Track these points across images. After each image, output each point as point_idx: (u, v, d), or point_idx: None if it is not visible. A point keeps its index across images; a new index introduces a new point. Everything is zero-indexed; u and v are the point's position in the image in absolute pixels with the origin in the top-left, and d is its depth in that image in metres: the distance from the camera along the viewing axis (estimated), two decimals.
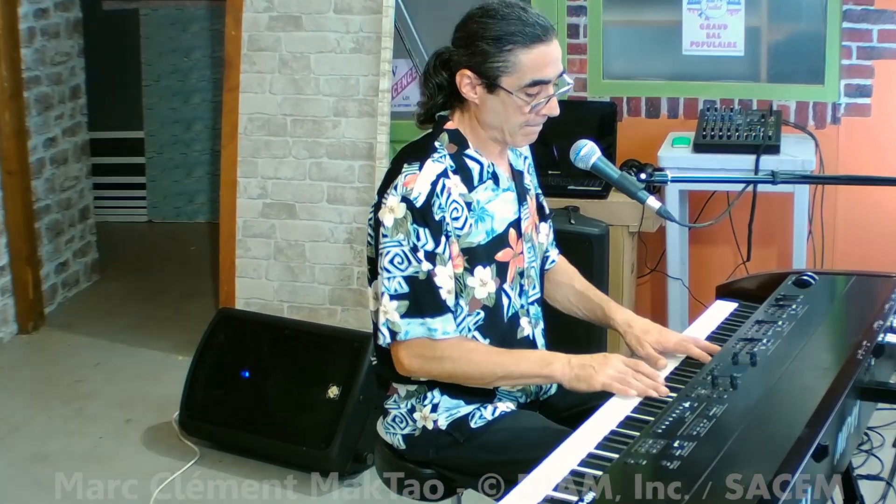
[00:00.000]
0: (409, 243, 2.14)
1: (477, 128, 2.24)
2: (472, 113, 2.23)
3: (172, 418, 3.93)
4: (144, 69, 6.56)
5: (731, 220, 4.30)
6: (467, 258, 2.21)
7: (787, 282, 2.54)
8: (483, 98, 2.18)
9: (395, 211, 2.14)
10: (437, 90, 2.25)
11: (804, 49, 4.33)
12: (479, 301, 2.24)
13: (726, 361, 2.08)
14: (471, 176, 2.23)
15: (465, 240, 2.21)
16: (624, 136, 4.37)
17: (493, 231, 2.25)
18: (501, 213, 2.27)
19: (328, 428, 3.51)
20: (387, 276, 2.16)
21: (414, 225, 2.13)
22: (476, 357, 2.17)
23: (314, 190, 4.34)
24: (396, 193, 2.15)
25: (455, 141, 2.24)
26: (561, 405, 2.39)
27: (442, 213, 2.15)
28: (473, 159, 2.24)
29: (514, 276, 2.30)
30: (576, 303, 2.50)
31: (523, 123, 2.20)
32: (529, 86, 2.15)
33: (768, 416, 1.85)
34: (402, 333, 2.16)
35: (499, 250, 2.26)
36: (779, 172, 2.41)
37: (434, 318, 2.15)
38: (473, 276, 2.22)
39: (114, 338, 4.86)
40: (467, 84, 2.18)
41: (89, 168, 5.58)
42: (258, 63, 4.38)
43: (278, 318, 4.09)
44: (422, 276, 2.14)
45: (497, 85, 2.15)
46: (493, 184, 2.26)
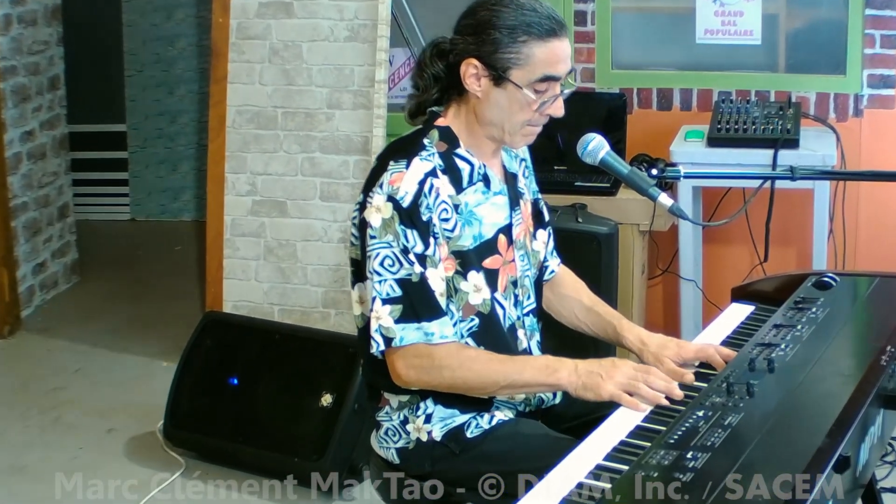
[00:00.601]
0: (399, 245, 2.13)
1: (473, 124, 2.23)
2: (469, 108, 2.22)
3: (156, 428, 3.93)
4: (127, 58, 6.56)
5: (747, 218, 4.30)
6: (459, 262, 2.20)
7: (806, 283, 2.54)
8: (487, 91, 2.17)
9: (381, 211, 2.14)
10: (432, 82, 2.24)
11: (825, 37, 4.33)
12: (473, 307, 2.23)
13: (742, 368, 2.08)
14: (460, 177, 2.22)
15: (455, 243, 2.20)
16: (634, 129, 4.37)
17: (482, 236, 2.24)
18: (491, 217, 2.26)
19: (321, 438, 3.50)
20: (378, 279, 2.15)
21: (402, 226, 2.13)
22: (476, 365, 2.16)
23: (306, 186, 4.34)
24: (382, 192, 2.14)
25: (445, 139, 2.23)
26: (566, 414, 2.38)
27: (430, 213, 2.15)
28: (464, 159, 2.24)
29: (507, 285, 2.29)
30: (584, 319, 2.49)
31: (526, 122, 2.20)
32: (540, 81, 2.15)
33: (787, 426, 1.85)
34: (398, 339, 2.14)
35: (486, 257, 2.24)
36: (798, 168, 2.41)
37: (430, 322, 2.14)
38: (467, 281, 2.21)
39: (94, 343, 4.85)
40: (472, 75, 2.17)
41: (68, 163, 5.58)
42: (247, 52, 4.37)
43: (268, 322, 4.09)
44: (415, 278, 2.14)
45: (506, 78, 2.14)
46: (484, 186, 2.25)
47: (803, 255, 4.37)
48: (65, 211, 5.53)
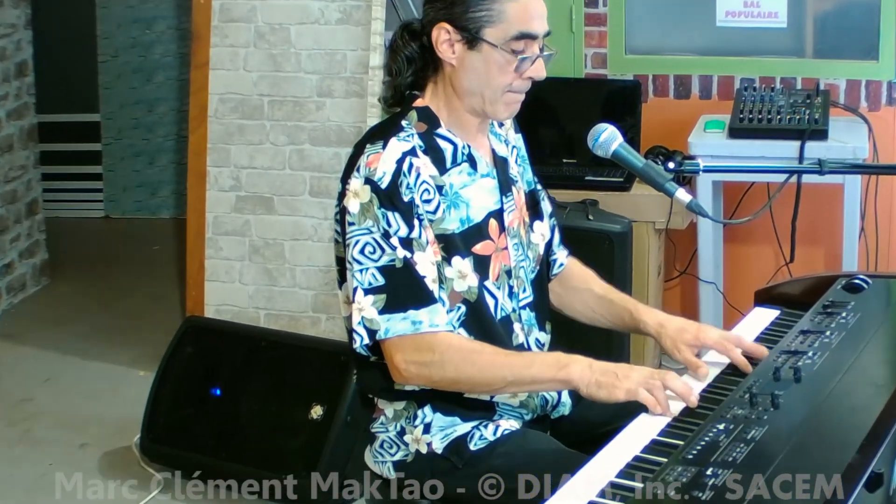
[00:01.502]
0: (380, 229, 2.15)
1: (452, 99, 2.25)
2: (446, 82, 2.25)
3: (132, 442, 3.93)
4: (100, 43, 6.56)
5: (771, 215, 4.30)
6: (443, 246, 2.22)
7: (835, 286, 2.54)
8: (462, 57, 2.20)
9: (359, 195, 2.16)
10: (405, 65, 2.27)
11: (856, 20, 4.33)
12: (459, 294, 2.24)
13: (767, 377, 2.08)
14: (442, 157, 2.25)
15: (439, 226, 2.21)
16: (649, 119, 4.37)
17: (470, 220, 2.25)
18: (479, 200, 2.28)
19: (311, 454, 3.50)
20: (358, 268, 2.16)
21: (382, 209, 2.15)
22: (481, 359, 2.17)
23: (295, 181, 4.34)
24: (359, 175, 2.17)
25: (424, 119, 2.26)
26: (576, 423, 2.39)
27: (411, 193, 2.16)
28: (445, 139, 2.26)
29: (500, 273, 2.30)
30: (598, 309, 2.50)
31: (506, 87, 2.22)
32: (515, 39, 2.18)
33: (814, 440, 1.85)
34: (382, 331, 2.15)
35: (476, 242, 2.26)
36: (826, 161, 2.41)
37: (418, 310, 2.15)
38: (451, 267, 2.23)
39: (66, 350, 4.86)
40: (445, 41, 2.20)
41: (37, 156, 5.58)
42: (231, 35, 4.38)
43: (254, 328, 4.10)
44: (398, 263, 2.15)
45: (480, 38, 2.18)
46: (470, 167, 2.28)
47: (832, 256, 4.38)
48: (33, 207, 5.53)
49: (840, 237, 4.09)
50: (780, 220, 4.30)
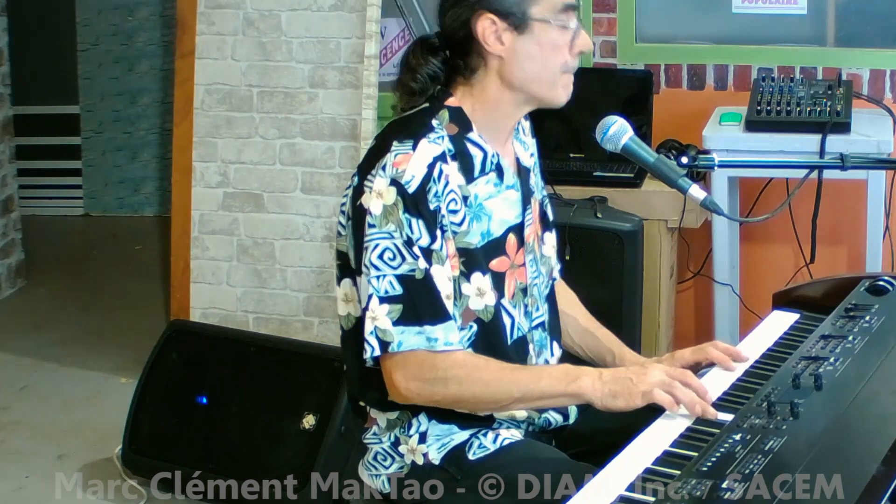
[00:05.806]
0: (403, 235, 2.14)
1: (487, 104, 2.24)
2: (486, 83, 2.23)
3: (114, 454, 3.93)
4: (80, 30, 6.57)
5: (791, 213, 4.30)
6: (464, 261, 2.21)
7: (858, 288, 2.54)
8: (513, 46, 2.20)
9: (383, 196, 2.14)
10: (429, 82, 2.26)
11: (880, 6, 4.34)
12: (473, 313, 2.23)
13: (786, 385, 2.09)
14: (471, 164, 2.23)
15: (462, 239, 2.21)
16: (661, 111, 4.37)
17: (490, 234, 2.25)
18: (501, 213, 2.27)
19: (303, 465, 3.51)
20: (375, 274, 2.15)
21: (406, 215, 2.13)
22: (487, 375, 2.17)
23: (286, 177, 4.35)
24: (385, 175, 2.15)
25: (456, 121, 2.24)
26: (581, 433, 2.39)
27: (438, 202, 2.15)
28: (476, 145, 2.25)
29: (515, 291, 2.30)
30: (579, 341, 2.53)
31: (563, 67, 2.23)
32: (562, 11, 2.19)
33: (836, 451, 1.85)
34: (395, 344, 2.14)
35: (493, 258, 2.25)
36: (849, 156, 2.42)
37: (434, 326, 2.14)
38: (470, 283, 2.22)
39: (43, 356, 4.86)
40: (492, 34, 2.19)
41: (13, 150, 5.59)
42: (217, 23, 4.38)
43: (242, 333, 4.10)
44: (419, 274, 2.14)
45: (529, 18, 2.18)
46: (497, 177, 2.27)
47: (855, 256, 4.38)
48: (9, 205, 5.54)
49: (863, 236, 4.09)
50: (799, 219, 4.30)
